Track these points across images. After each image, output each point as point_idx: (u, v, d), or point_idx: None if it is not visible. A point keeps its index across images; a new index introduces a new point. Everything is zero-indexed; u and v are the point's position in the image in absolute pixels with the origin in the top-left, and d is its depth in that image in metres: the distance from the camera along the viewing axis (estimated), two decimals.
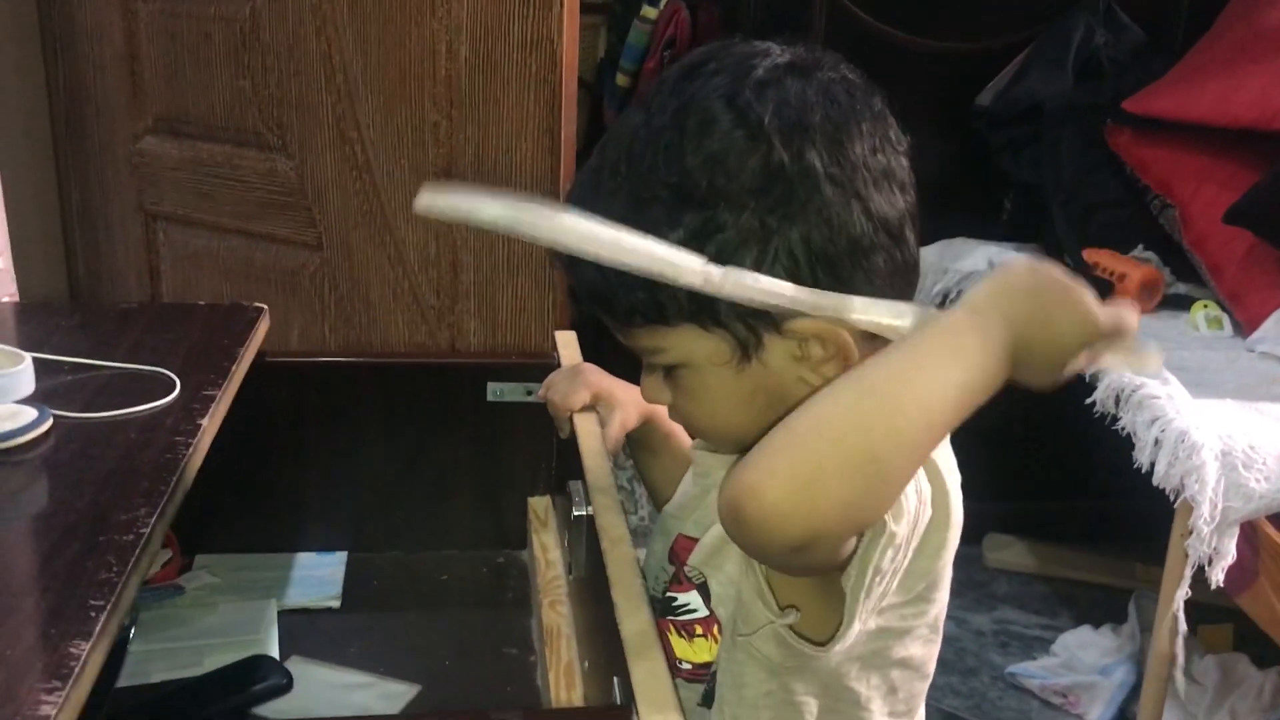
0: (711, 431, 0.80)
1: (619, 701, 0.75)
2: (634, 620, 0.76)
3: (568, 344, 1.29)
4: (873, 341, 0.75)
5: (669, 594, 0.85)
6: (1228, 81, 1.88)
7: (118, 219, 2.49)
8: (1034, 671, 2.02)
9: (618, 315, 0.75)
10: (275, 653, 1.18)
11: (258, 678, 1.12)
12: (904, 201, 0.74)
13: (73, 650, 0.64)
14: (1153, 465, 1.46)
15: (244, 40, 2.24)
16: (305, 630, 1.22)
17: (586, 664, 0.96)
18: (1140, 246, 2.01)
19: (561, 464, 1.32)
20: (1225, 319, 1.85)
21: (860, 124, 0.72)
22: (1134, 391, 1.54)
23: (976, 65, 2.19)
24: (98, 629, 0.66)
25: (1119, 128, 2.02)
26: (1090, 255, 1.97)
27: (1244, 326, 1.81)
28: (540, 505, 1.39)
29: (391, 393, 1.36)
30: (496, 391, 1.36)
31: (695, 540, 0.84)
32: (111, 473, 0.84)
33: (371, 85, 2.12)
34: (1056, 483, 2.41)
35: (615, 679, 0.76)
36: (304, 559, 1.35)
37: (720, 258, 0.69)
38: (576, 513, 0.96)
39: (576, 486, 0.98)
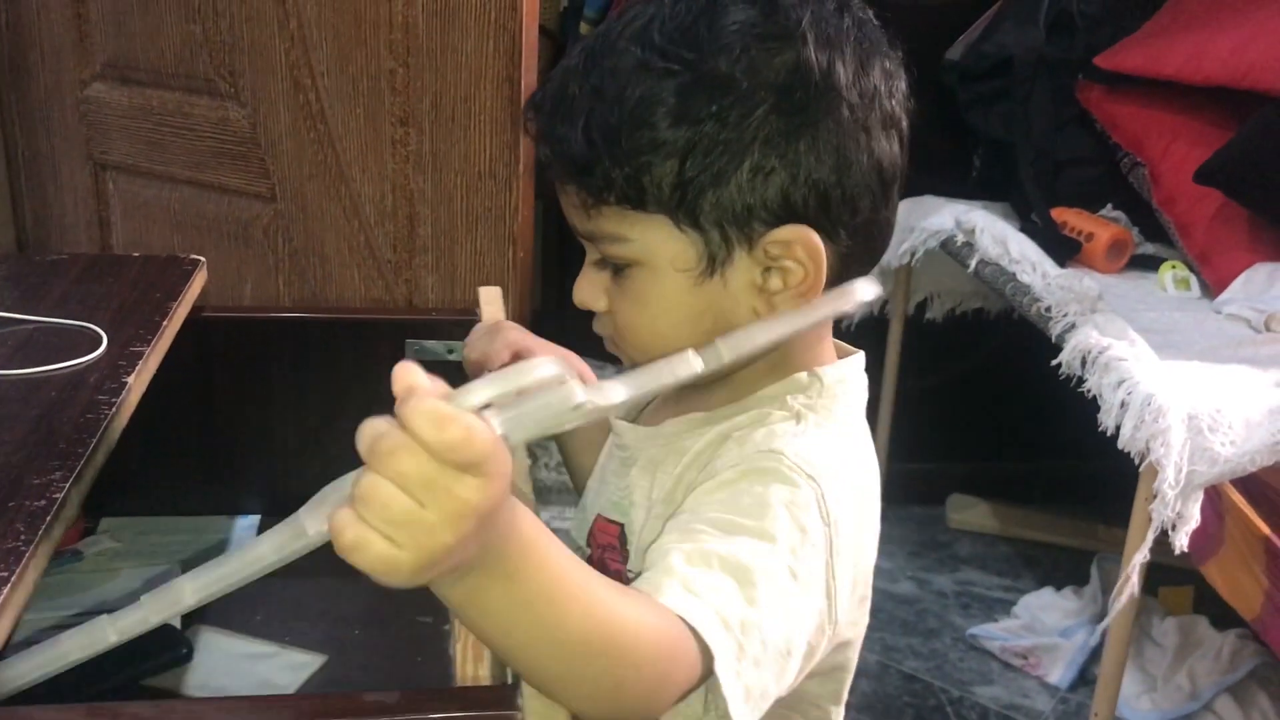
0: (646, 344, 0.74)
1: (511, 680, 0.70)
2: None
3: (491, 300, 1.24)
4: (845, 266, 0.72)
5: None
6: (1200, 38, 1.85)
7: (66, 168, 2.42)
8: (995, 633, 2.02)
9: (591, 188, 0.69)
10: (176, 621, 1.13)
11: (154, 648, 1.06)
12: (900, 156, 0.73)
13: None
14: (1118, 428, 1.44)
15: None
16: (213, 599, 1.17)
17: None
18: (1109, 205, 1.99)
19: None
20: (1193, 280, 1.83)
21: (884, 63, 0.71)
22: (1100, 353, 1.52)
23: (947, 18, 2.15)
24: (0, 601, 0.62)
25: (1090, 84, 1.99)
26: (1059, 214, 1.94)
27: (1212, 287, 1.79)
28: None
29: (306, 350, 1.30)
30: (416, 349, 1.30)
31: (614, 523, 0.79)
32: (27, 434, 0.80)
33: (326, 31, 2.06)
34: (1020, 444, 2.41)
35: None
36: (213, 523, 1.30)
37: (718, 155, 0.66)
38: None
39: None
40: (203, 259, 1.13)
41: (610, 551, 0.79)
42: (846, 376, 0.76)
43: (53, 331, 0.96)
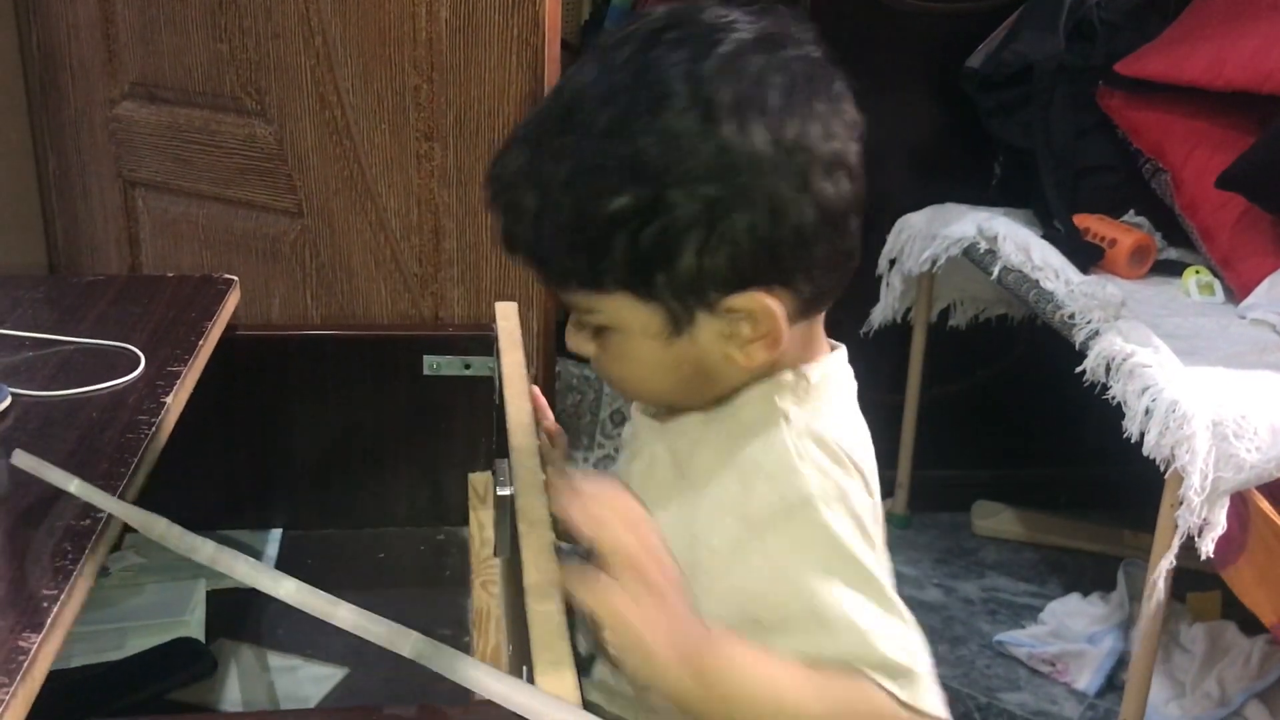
0: (634, 391, 0.80)
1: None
2: (542, 609, 0.73)
3: (507, 315, 1.25)
4: (807, 322, 0.76)
5: None
6: (1221, 43, 1.85)
7: (95, 186, 2.45)
8: (1022, 640, 2.01)
9: (552, 277, 0.75)
10: (201, 635, 1.15)
11: (179, 661, 1.09)
12: (851, 190, 0.74)
13: (21, 643, 0.62)
14: (1143, 434, 1.45)
15: (220, 2, 2.19)
16: (235, 611, 1.19)
17: (510, 649, 0.94)
18: (1131, 211, 1.98)
19: (501, 439, 1.30)
20: (1217, 285, 1.82)
21: (816, 106, 0.72)
22: (1125, 360, 1.52)
23: (967, 27, 2.15)
24: (49, 621, 0.64)
25: (1111, 90, 1.99)
26: (1081, 220, 1.94)
27: (1236, 293, 1.79)
28: (480, 481, 1.36)
29: (325, 367, 1.32)
30: (433, 365, 1.32)
31: None
32: (71, 453, 0.82)
33: (351, 48, 2.08)
34: (1045, 450, 2.40)
35: (524, 668, 0.74)
36: (237, 537, 1.32)
37: (665, 238, 0.69)
38: (500, 492, 0.93)
39: (503, 465, 0.95)
40: (235, 278, 1.15)
41: None
42: (831, 373, 0.79)
43: (91, 352, 0.98)
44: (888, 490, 2.37)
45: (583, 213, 0.70)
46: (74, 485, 0.73)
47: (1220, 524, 1.39)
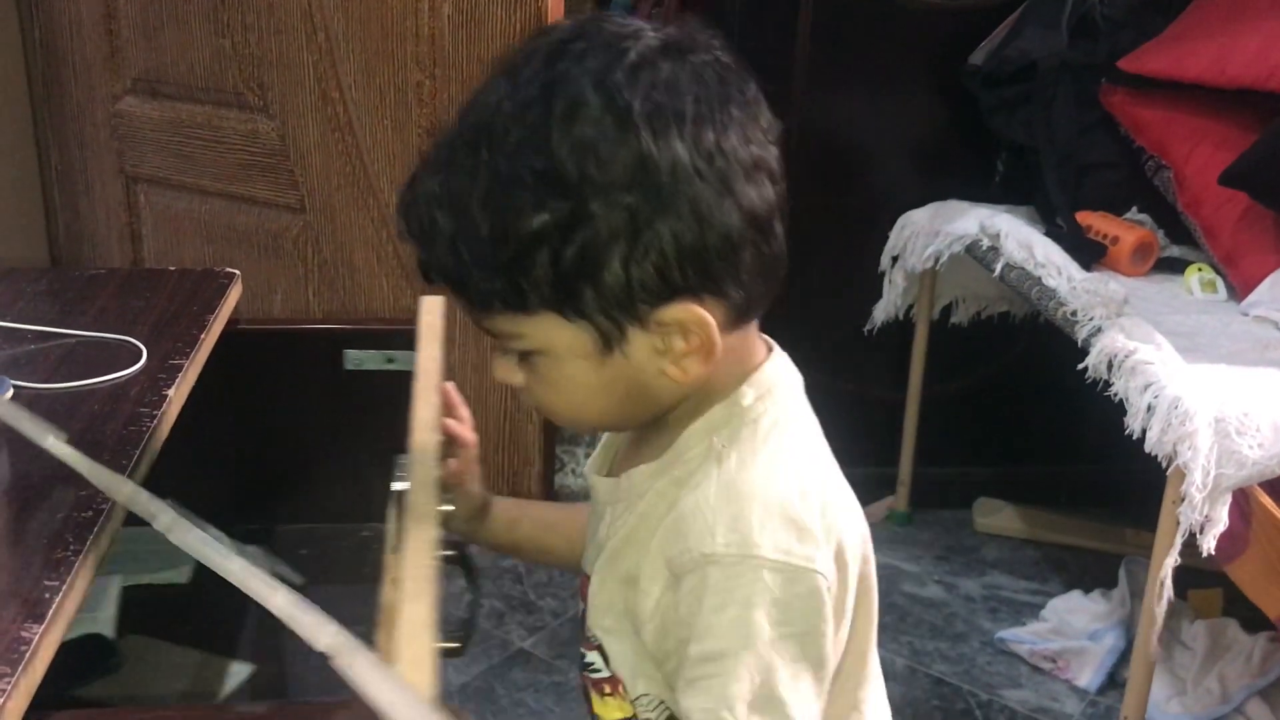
0: (568, 418, 0.78)
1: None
2: (412, 608, 0.71)
3: (431, 310, 1.23)
4: (742, 332, 0.75)
5: (582, 648, 0.83)
6: (1224, 40, 1.85)
7: (98, 181, 2.46)
8: (1024, 637, 2.01)
9: (473, 300, 0.71)
10: (110, 631, 1.13)
11: (84, 658, 1.07)
12: (774, 193, 0.73)
13: (24, 634, 0.62)
14: (1145, 431, 1.44)
15: None
16: (150, 607, 1.18)
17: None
18: (1134, 209, 1.98)
19: None
20: (1219, 282, 1.82)
21: (732, 111, 0.70)
22: (1127, 356, 1.52)
23: (969, 23, 2.15)
24: (51, 612, 0.64)
25: (1114, 87, 1.98)
26: (1083, 218, 1.94)
27: (1238, 290, 1.79)
28: None
29: (244, 361, 1.29)
30: (355, 360, 1.30)
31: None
32: (73, 445, 0.82)
33: (353, 44, 2.09)
34: (1047, 447, 2.40)
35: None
36: (156, 532, 1.30)
37: (589, 251, 0.67)
38: (395, 487, 0.90)
39: (401, 460, 0.92)
40: (237, 272, 1.15)
41: None
42: (765, 390, 0.77)
43: (94, 345, 0.98)
44: (889, 487, 2.38)
45: (501, 231, 0.68)
46: (49, 440, 0.72)
47: (1222, 521, 1.39)
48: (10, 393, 0.88)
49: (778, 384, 0.78)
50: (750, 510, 0.71)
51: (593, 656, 0.81)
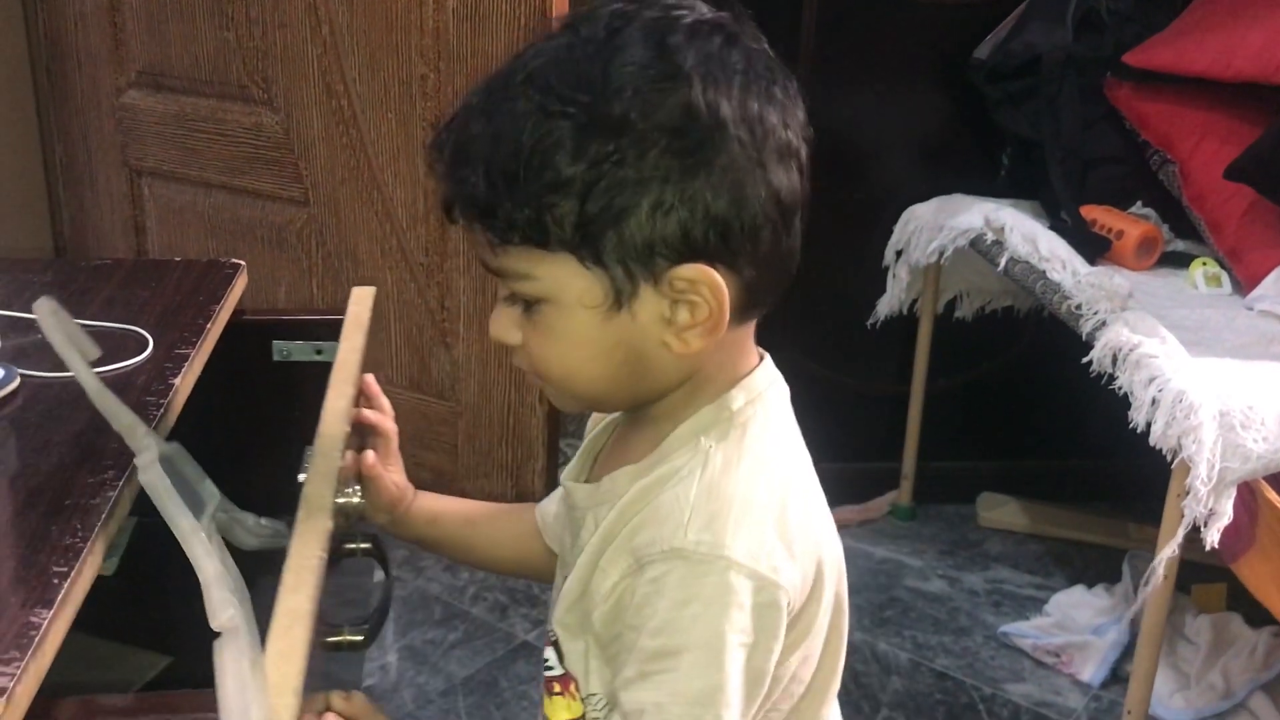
0: (561, 378, 0.76)
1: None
2: (291, 598, 0.70)
3: (360, 300, 1.21)
4: (742, 330, 0.75)
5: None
6: (1230, 34, 1.84)
7: (102, 174, 2.46)
8: (1027, 631, 2.01)
9: (496, 229, 0.71)
10: None
11: None
12: (800, 186, 0.74)
13: (33, 619, 0.62)
14: (1149, 425, 1.44)
15: None
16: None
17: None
18: (1139, 203, 1.98)
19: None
20: (1224, 277, 1.82)
21: (775, 93, 0.72)
22: (1131, 350, 1.52)
23: (974, 17, 2.15)
24: (60, 597, 0.64)
25: (1119, 81, 1.98)
26: (1088, 212, 1.94)
27: (1243, 284, 1.79)
28: None
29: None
30: (282, 351, 1.29)
31: None
32: (80, 434, 0.82)
33: (358, 37, 2.09)
34: (1051, 442, 2.40)
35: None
36: None
37: (618, 194, 0.68)
38: (299, 478, 0.89)
39: (308, 452, 0.92)
40: (243, 263, 1.15)
41: None
42: (755, 395, 0.77)
43: (100, 335, 0.98)
44: (893, 482, 2.38)
45: (539, 161, 0.68)
46: (74, 355, 0.74)
47: (1226, 514, 1.39)
48: (17, 381, 0.88)
49: (767, 391, 0.78)
50: (728, 512, 0.70)
51: (548, 653, 0.81)
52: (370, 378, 1.02)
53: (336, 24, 2.10)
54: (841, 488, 2.40)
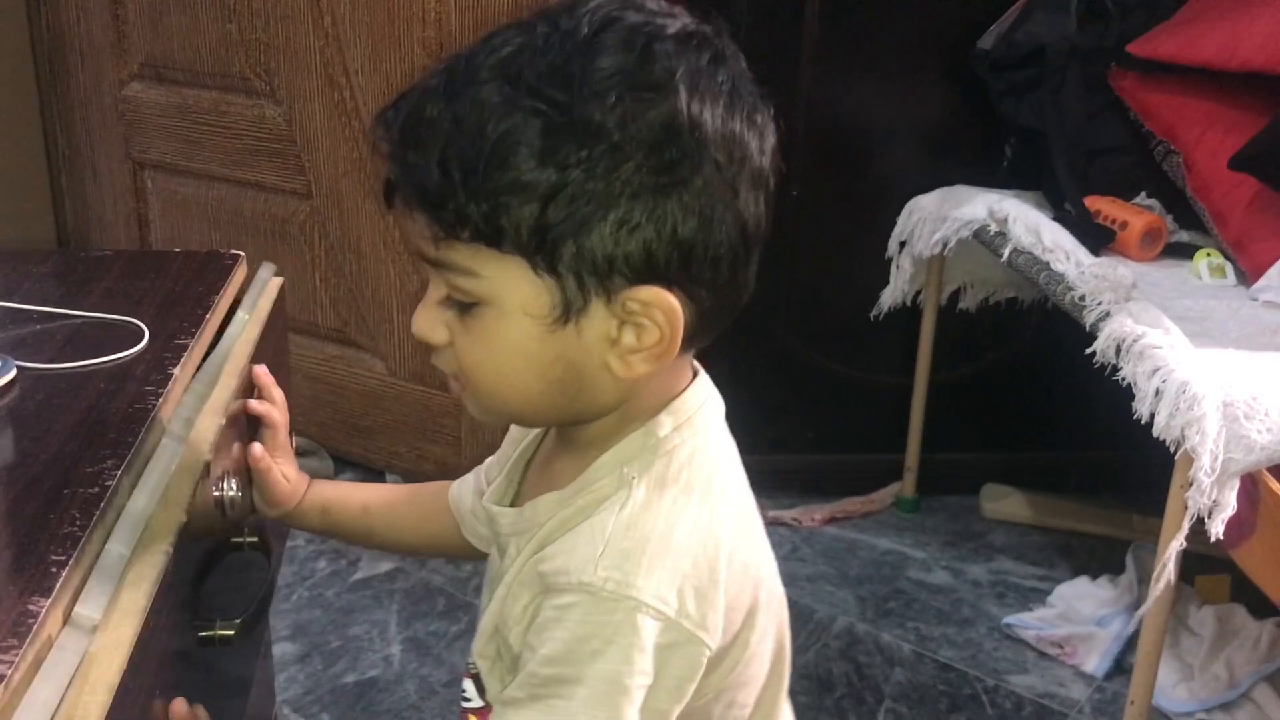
0: (489, 387, 0.71)
1: None
2: (126, 594, 0.68)
3: (267, 291, 1.16)
4: (682, 356, 0.72)
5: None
6: (1235, 24, 1.84)
7: (105, 166, 2.46)
8: (1030, 622, 2.01)
9: (443, 222, 0.65)
10: None
11: None
12: (764, 219, 0.70)
13: (31, 607, 0.62)
14: (1153, 416, 1.44)
15: None
16: None
17: None
18: (1143, 194, 1.97)
19: None
20: (1228, 267, 1.82)
21: (755, 118, 0.69)
22: (1135, 341, 1.51)
23: (978, 7, 2.14)
24: (58, 585, 0.64)
25: (1123, 71, 1.97)
26: (1092, 202, 1.93)
27: (1247, 275, 1.78)
28: None
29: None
30: None
31: None
32: (78, 424, 0.82)
33: (360, 29, 2.09)
34: (1054, 433, 2.40)
35: None
36: None
37: (585, 204, 0.64)
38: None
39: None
40: (242, 254, 1.15)
41: None
42: (684, 419, 0.73)
43: (99, 326, 0.98)
44: (896, 473, 2.38)
45: (503, 157, 0.63)
46: None
47: (1230, 505, 1.39)
48: (14, 372, 0.88)
49: (697, 413, 0.74)
50: (643, 550, 0.67)
51: (467, 685, 0.78)
52: (262, 369, 0.99)
53: (338, 16, 2.10)
54: (845, 479, 2.41)
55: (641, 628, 0.66)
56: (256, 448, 0.94)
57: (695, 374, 0.76)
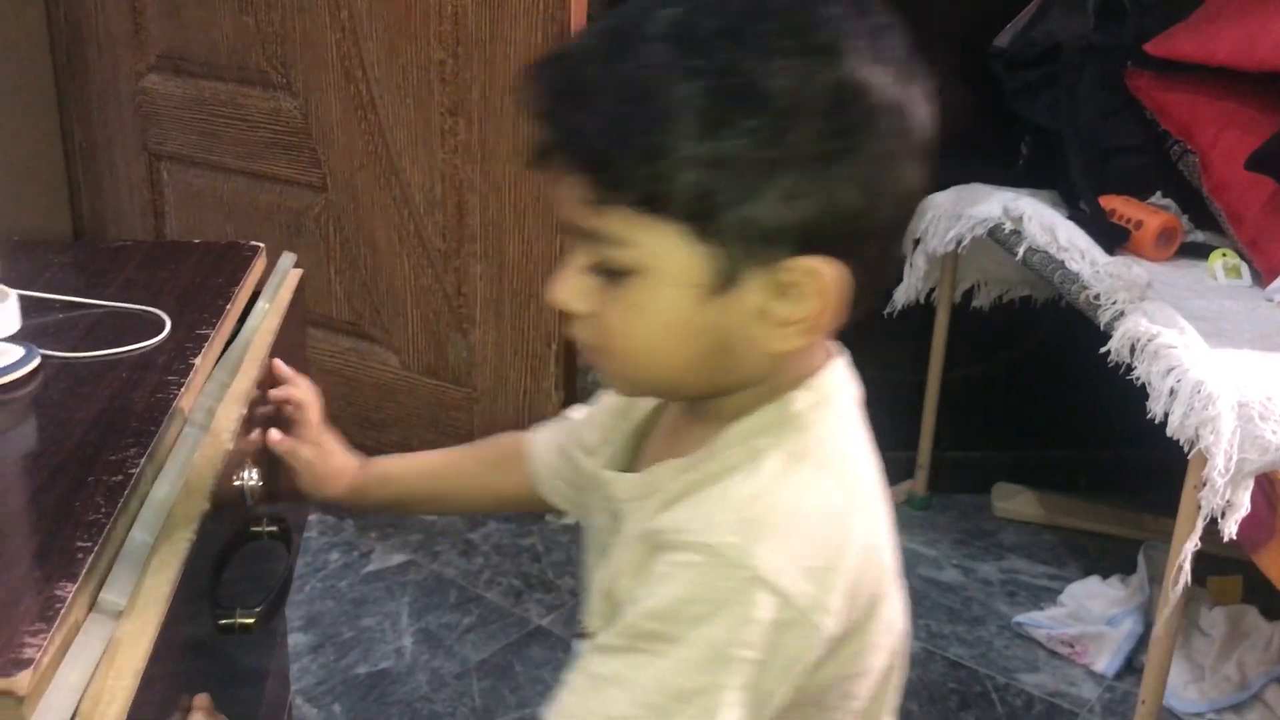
0: (635, 357, 0.68)
1: None
2: (151, 580, 0.69)
3: (287, 283, 1.17)
4: (840, 320, 0.69)
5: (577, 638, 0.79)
6: (1252, 23, 1.83)
7: (121, 158, 2.47)
8: (1041, 621, 2.01)
9: (605, 183, 0.63)
10: None
11: None
12: (918, 194, 0.68)
13: (58, 592, 0.63)
14: (1167, 415, 1.44)
15: None
16: None
17: None
18: (1158, 193, 1.97)
19: None
20: (1244, 268, 1.81)
21: (919, 91, 0.67)
22: (1149, 341, 1.51)
23: (995, 5, 2.14)
24: (84, 570, 0.65)
25: (1139, 71, 1.97)
26: (1107, 202, 1.93)
27: (1263, 275, 1.78)
28: None
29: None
30: None
31: None
32: (101, 412, 0.83)
33: (376, 22, 2.09)
34: (1067, 432, 2.39)
35: None
36: None
37: (755, 171, 0.62)
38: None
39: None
40: (262, 245, 1.16)
41: None
42: (822, 397, 0.71)
43: (120, 315, 0.99)
44: (908, 471, 2.38)
45: (668, 115, 0.61)
46: None
47: (1244, 506, 1.39)
48: (38, 360, 0.89)
49: (834, 394, 0.72)
50: (769, 521, 0.65)
51: (582, 647, 0.75)
52: (278, 362, 0.98)
53: (355, 9, 2.11)
54: None
55: (756, 601, 0.63)
56: (273, 433, 0.94)
57: (831, 355, 0.74)
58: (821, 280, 0.65)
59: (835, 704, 0.72)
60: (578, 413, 0.91)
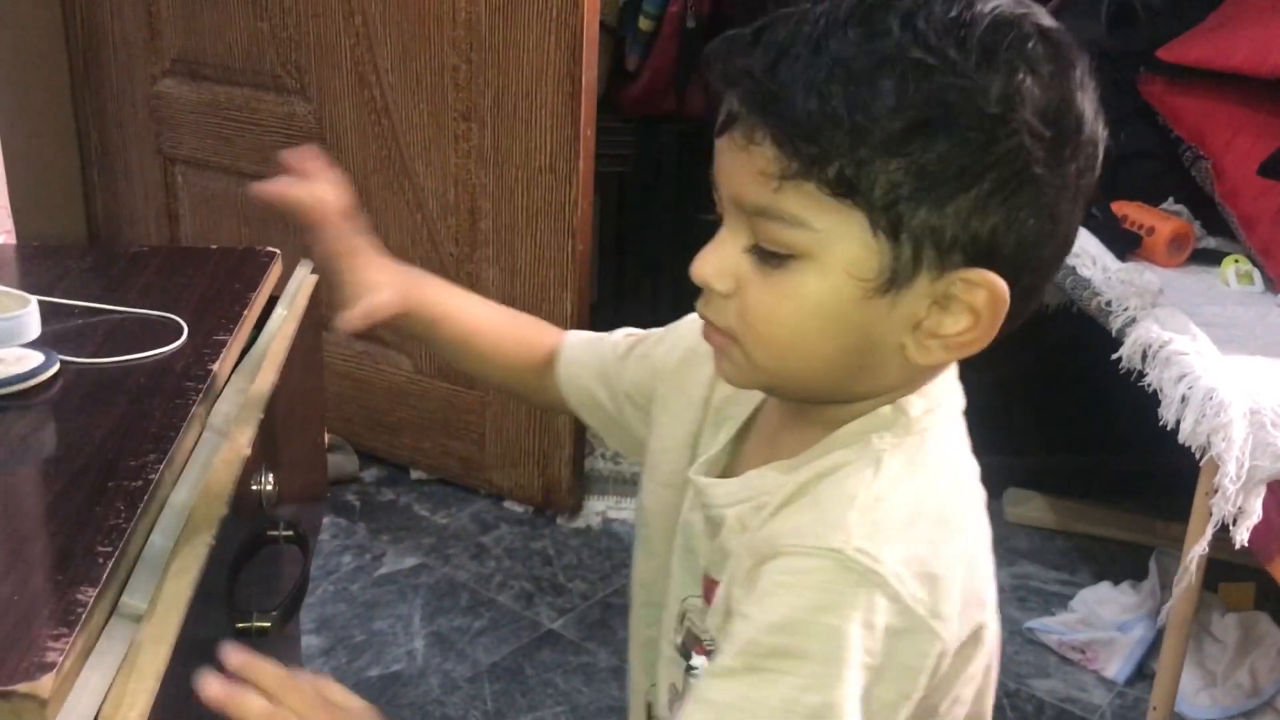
0: (777, 347, 0.66)
1: None
2: (172, 584, 0.69)
3: (304, 288, 1.15)
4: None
5: (690, 655, 0.76)
6: (1266, 30, 1.83)
7: (136, 162, 2.48)
8: (1053, 627, 2.01)
9: (801, 156, 0.60)
10: None
11: None
12: (1076, 226, 0.67)
13: (80, 596, 0.63)
14: (1178, 422, 1.44)
15: None
16: None
17: None
18: (1170, 199, 1.97)
19: None
20: (1256, 274, 1.81)
21: (1104, 132, 0.66)
22: (1161, 347, 1.51)
23: None
24: (105, 575, 0.65)
25: (1152, 76, 1.97)
26: (1119, 208, 1.93)
27: (1275, 282, 1.78)
28: None
29: None
30: None
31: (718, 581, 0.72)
32: (120, 418, 0.83)
33: (390, 27, 2.10)
34: (1078, 438, 2.39)
35: None
36: None
37: (962, 169, 0.60)
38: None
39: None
40: (278, 251, 1.17)
41: None
42: (935, 403, 0.70)
43: (138, 321, 1.00)
44: None
45: (884, 100, 0.59)
46: None
47: (1255, 513, 1.39)
48: (57, 366, 0.90)
49: (944, 401, 0.72)
50: (893, 524, 0.63)
51: (699, 661, 0.75)
52: (287, 154, 0.87)
53: (369, 14, 2.12)
54: None
55: (876, 605, 0.61)
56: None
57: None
58: (987, 298, 0.63)
59: (946, 710, 0.71)
60: (623, 338, 0.89)
